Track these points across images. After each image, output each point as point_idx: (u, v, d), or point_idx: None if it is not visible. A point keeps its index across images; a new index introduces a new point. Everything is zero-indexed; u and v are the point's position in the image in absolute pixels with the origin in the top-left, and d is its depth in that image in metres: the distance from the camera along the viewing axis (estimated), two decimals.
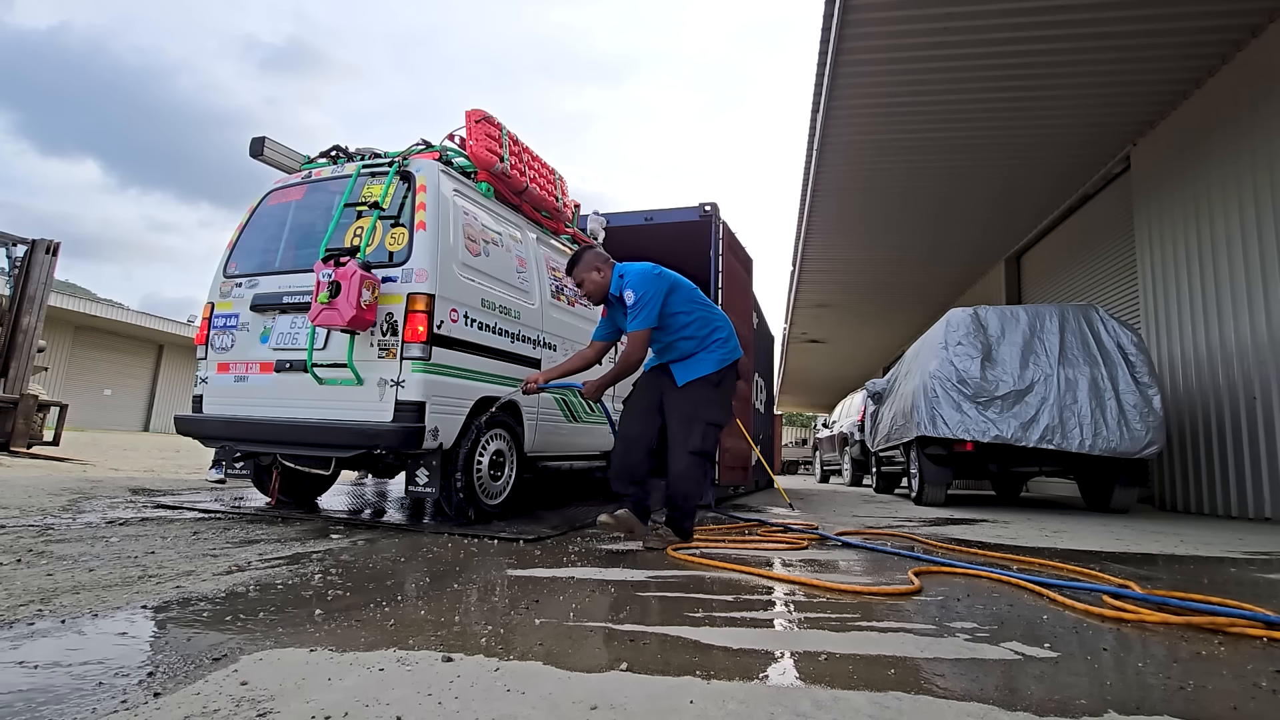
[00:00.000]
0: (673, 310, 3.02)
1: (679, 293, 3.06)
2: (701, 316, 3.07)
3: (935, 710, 1.17)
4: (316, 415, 3.21)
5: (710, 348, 3.06)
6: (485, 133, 3.78)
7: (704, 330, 3.07)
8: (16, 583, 1.89)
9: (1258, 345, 5.50)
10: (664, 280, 3.02)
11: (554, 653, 1.43)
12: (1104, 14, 5.33)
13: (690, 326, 3.05)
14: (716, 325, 3.11)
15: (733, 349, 3.12)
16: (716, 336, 3.08)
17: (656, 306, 2.95)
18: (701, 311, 3.09)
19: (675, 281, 3.08)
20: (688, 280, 3.15)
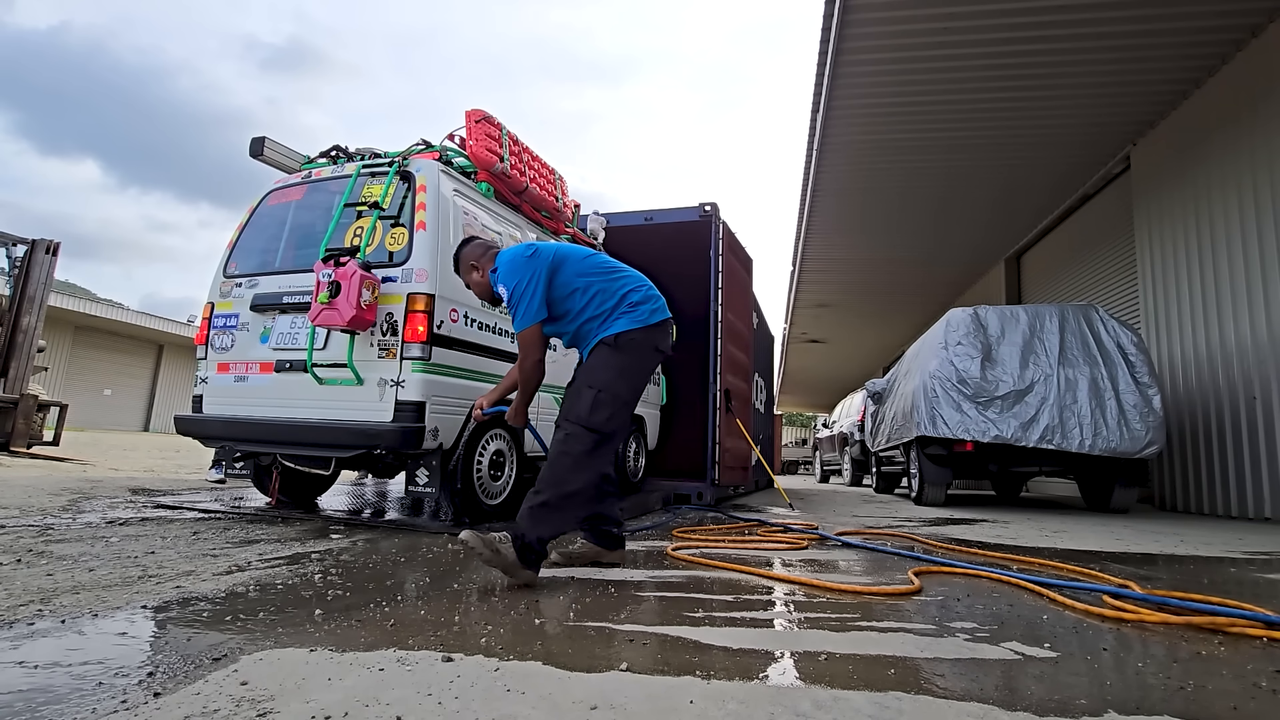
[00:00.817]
0: (565, 290, 2.45)
1: (568, 267, 2.47)
2: (602, 288, 2.48)
3: (935, 710, 1.17)
4: (316, 415, 3.21)
5: (616, 317, 2.44)
6: (485, 133, 3.78)
7: (609, 302, 2.47)
8: (16, 583, 1.89)
9: (1258, 345, 5.50)
10: (540, 260, 2.42)
11: (554, 653, 1.43)
12: (1104, 14, 5.33)
13: (592, 304, 2.46)
14: (624, 291, 2.50)
15: (649, 312, 2.49)
16: (627, 303, 2.48)
17: (538, 294, 2.38)
18: (601, 282, 2.49)
19: (559, 256, 2.48)
20: (579, 248, 2.59)
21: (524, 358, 2.46)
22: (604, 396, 2.32)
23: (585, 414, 2.29)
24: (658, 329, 2.52)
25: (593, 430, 2.28)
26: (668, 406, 6.25)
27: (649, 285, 2.60)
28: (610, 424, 2.32)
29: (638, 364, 2.45)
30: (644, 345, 2.47)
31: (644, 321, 2.47)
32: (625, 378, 2.40)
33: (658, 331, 2.52)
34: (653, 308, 2.53)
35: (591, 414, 2.29)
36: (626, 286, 2.53)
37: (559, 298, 2.47)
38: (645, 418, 5.57)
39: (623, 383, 2.39)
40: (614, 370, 2.39)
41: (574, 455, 2.25)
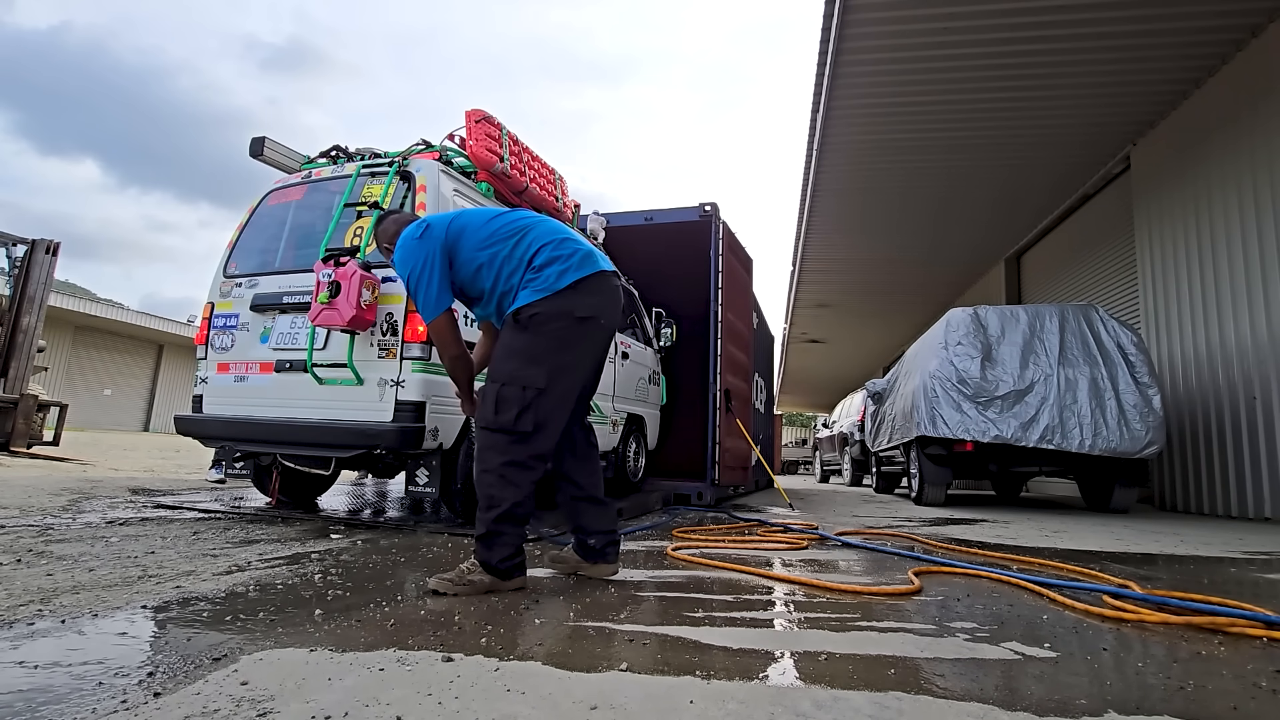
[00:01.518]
0: (470, 269, 2.12)
1: (468, 237, 2.12)
2: (506, 255, 2.10)
3: (935, 710, 1.17)
4: (316, 415, 3.21)
5: (520, 289, 2.08)
6: (485, 133, 3.78)
7: (517, 272, 2.09)
8: (16, 583, 1.89)
9: (1258, 345, 5.50)
10: (433, 238, 2.09)
11: (554, 653, 1.43)
12: (1104, 14, 5.33)
13: (500, 278, 2.10)
14: (529, 254, 2.10)
15: (555, 275, 2.06)
16: (531, 269, 2.09)
17: (434, 280, 2.06)
18: (505, 248, 2.10)
19: (454, 229, 2.13)
20: (482, 211, 2.22)
21: (440, 349, 2.17)
22: (508, 391, 1.98)
23: (490, 415, 2.00)
24: (573, 292, 2.06)
25: (501, 431, 1.98)
26: (668, 406, 6.25)
27: (560, 238, 2.15)
28: (525, 421, 1.97)
29: (552, 341, 2.03)
30: (554, 317, 2.04)
31: (550, 288, 2.05)
32: (537, 361, 2.01)
33: (573, 295, 2.06)
34: (561, 269, 2.08)
35: (497, 414, 1.98)
36: (532, 248, 2.11)
37: (466, 279, 2.13)
38: (645, 418, 5.57)
39: (532, 368, 2.00)
40: (516, 356, 2.03)
41: (494, 469, 1.97)
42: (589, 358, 2.16)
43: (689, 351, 6.63)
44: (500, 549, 1.99)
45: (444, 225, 2.13)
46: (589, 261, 2.14)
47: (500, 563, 2.00)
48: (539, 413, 1.99)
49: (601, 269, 2.16)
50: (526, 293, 2.06)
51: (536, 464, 2.03)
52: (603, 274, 2.16)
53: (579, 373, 2.12)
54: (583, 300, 2.08)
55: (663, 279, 6.45)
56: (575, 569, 2.29)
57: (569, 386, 2.08)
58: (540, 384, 2.00)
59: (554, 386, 2.02)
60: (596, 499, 2.26)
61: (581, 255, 2.14)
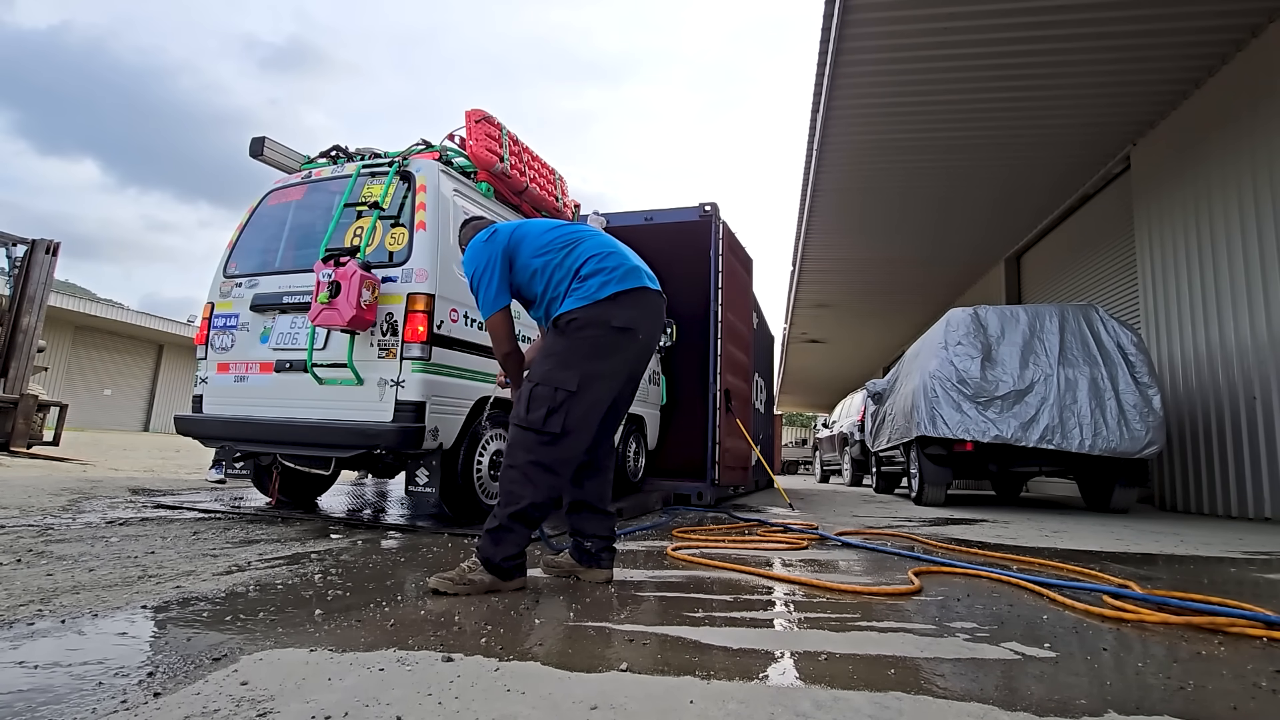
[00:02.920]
0: (526, 275, 2.25)
1: (525, 247, 2.26)
2: (557, 264, 2.22)
3: (935, 710, 1.17)
4: (316, 415, 3.21)
5: (565, 297, 2.19)
6: (485, 133, 3.78)
7: (564, 281, 2.20)
8: (16, 583, 1.89)
9: (1258, 345, 5.50)
10: (496, 243, 2.24)
11: (554, 653, 1.43)
12: (1104, 14, 5.33)
13: (550, 285, 2.22)
14: (576, 265, 2.21)
15: (597, 285, 2.16)
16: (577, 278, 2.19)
17: (494, 280, 2.20)
18: (556, 258, 2.22)
19: (517, 236, 2.27)
20: (543, 222, 2.36)
21: (495, 349, 2.30)
22: (540, 390, 2.04)
23: (522, 412, 2.06)
24: (611, 303, 2.14)
25: (530, 430, 2.03)
26: (668, 406, 6.25)
27: (607, 252, 2.24)
28: (553, 422, 2.01)
29: (586, 347, 2.10)
30: (591, 324, 2.11)
31: (590, 297, 2.13)
32: (569, 365, 2.07)
33: (611, 306, 2.14)
34: (603, 280, 2.16)
35: (529, 411, 2.04)
36: (580, 259, 2.21)
37: (523, 283, 2.27)
38: (645, 418, 5.57)
39: (566, 372, 2.06)
40: (553, 358, 2.11)
41: (519, 466, 2.02)
42: (623, 368, 2.18)
43: (689, 351, 6.62)
44: (506, 546, 2.01)
45: (509, 232, 2.27)
46: (632, 276, 2.21)
47: (503, 560, 2.00)
48: (569, 416, 2.03)
49: (645, 285, 2.23)
50: (570, 300, 2.15)
51: (561, 468, 2.05)
52: (645, 290, 2.23)
53: (611, 380, 2.15)
54: (621, 311, 2.14)
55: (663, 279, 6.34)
56: (570, 572, 2.29)
57: (600, 394, 2.11)
58: (571, 387, 2.04)
59: (585, 391, 2.06)
60: (600, 509, 2.29)
61: (626, 269, 2.22)
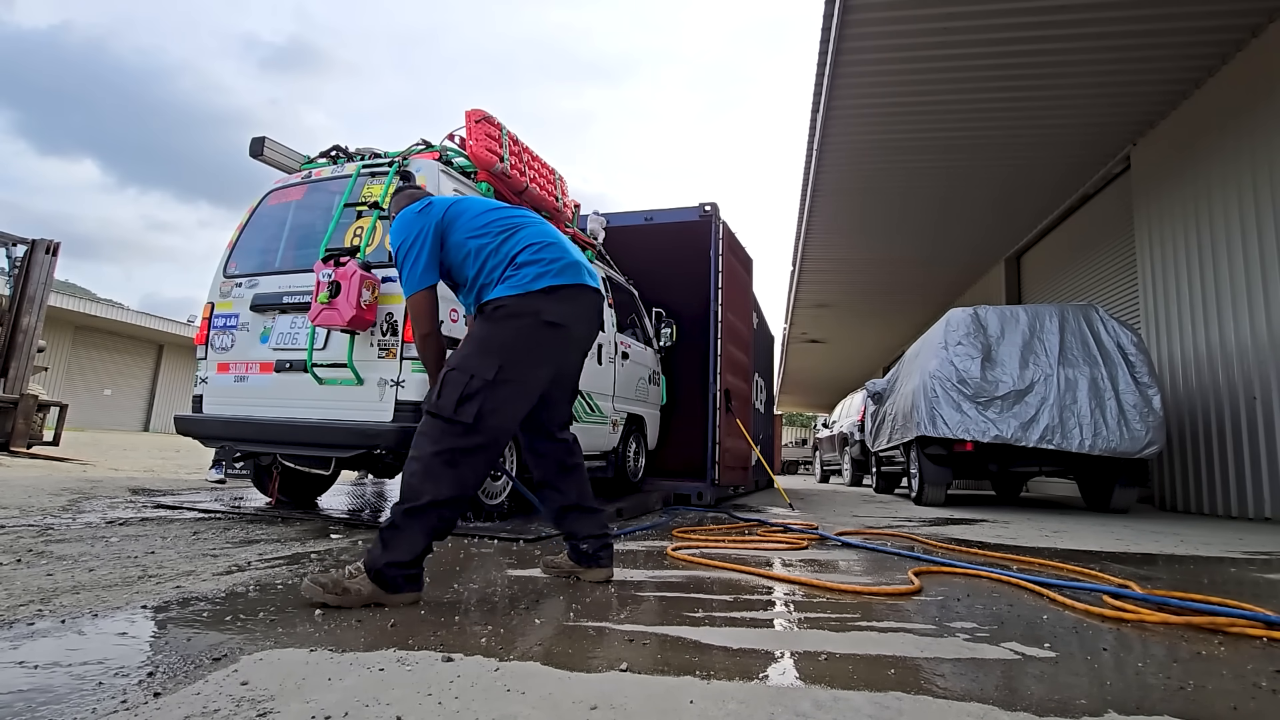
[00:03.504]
0: (459, 255, 2.08)
1: (463, 223, 2.10)
2: (493, 249, 2.06)
3: (935, 710, 1.17)
4: (316, 415, 3.21)
5: (497, 284, 2.04)
6: (485, 133, 3.78)
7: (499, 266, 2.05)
8: (16, 583, 1.89)
9: (1258, 345, 5.50)
10: (430, 216, 2.08)
11: (554, 653, 1.43)
12: (1104, 14, 5.33)
13: (483, 270, 2.06)
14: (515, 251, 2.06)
15: (532, 275, 2.02)
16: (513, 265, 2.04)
17: (422, 255, 2.03)
18: (494, 242, 2.07)
19: (453, 212, 2.11)
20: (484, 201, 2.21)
21: (414, 329, 2.09)
22: (455, 375, 1.88)
23: (433, 396, 1.90)
24: (544, 296, 2.00)
25: (440, 417, 1.86)
26: (668, 406, 6.25)
27: (546, 242, 2.10)
28: (466, 411, 1.84)
29: (511, 336, 1.95)
30: (518, 313, 1.97)
31: (523, 287, 1.99)
32: (490, 353, 1.92)
33: (544, 299, 2.00)
34: (539, 271, 2.02)
35: (440, 396, 1.88)
36: (518, 246, 2.07)
37: (454, 264, 2.10)
38: (645, 418, 5.57)
39: (484, 359, 1.90)
40: (472, 343, 1.96)
41: (422, 458, 1.84)
42: (549, 364, 2.05)
43: (689, 351, 6.63)
44: (395, 550, 1.78)
45: (444, 206, 2.11)
46: (570, 271, 2.07)
47: (388, 566, 1.77)
48: (482, 405, 1.86)
49: (583, 282, 2.09)
50: (502, 287, 2.01)
51: (468, 464, 1.87)
52: (583, 287, 2.10)
53: (534, 373, 2.00)
54: (554, 306, 2.01)
55: (663, 279, 6.46)
56: (570, 573, 2.24)
57: (521, 388, 1.96)
58: (488, 375, 1.88)
59: (503, 383, 1.90)
60: (586, 507, 2.21)
61: (564, 264, 2.08)
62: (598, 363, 4.69)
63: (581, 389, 4.43)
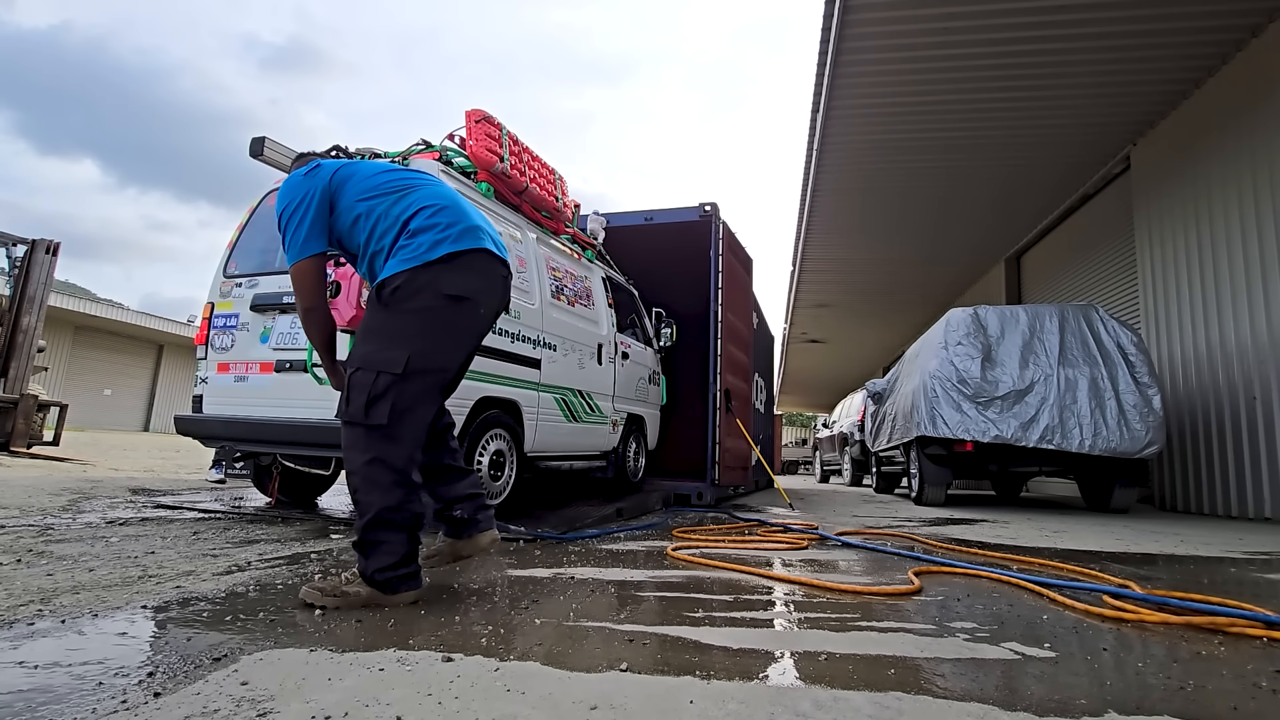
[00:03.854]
0: (348, 220, 1.92)
1: (352, 185, 1.93)
2: (383, 212, 1.89)
3: (935, 710, 1.17)
4: (316, 415, 3.21)
5: (389, 256, 1.87)
6: (485, 133, 3.78)
7: (389, 233, 1.88)
8: (16, 583, 1.89)
9: (1258, 345, 5.50)
10: (317, 179, 1.91)
11: (554, 653, 1.43)
12: (1104, 14, 5.33)
13: (373, 237, 1.90)
14: (406, 215, 1.89)
15: (429, 244, 1.84)
16: (406, 233, 1.87)
17: (306, 220, 1.87)
18: (383, 204, 1.90)
19: (342, 175, 1.95)
20: (375, 163, 2.05)
21: (297, 302, 1.94)
22: (360, 377, 1.76)
23: (343, 406, 1.78)
24: (444, 266, 1.83)
25: (357, 424, 1.76)
26: (668, 406, 6.25)
27: (442, 205, 1.92)
28: (378, 412, 1.73)
29: (415, 322, 1.80)
30: (418, 292, 1.81)
31: (419, 258, 1.82)
32: (394, 344, 1.78)
33: (444, 269, 1.83)
34: (436, 238, 1.84)
35: (349, 403, 1.76)
36: (410, 210, 1.89)
37: (344, 231, 1.94)
38: (645, 418, 5.57)
39: (389, 352, 1.76)
40: (373, 337, 1.82)
41: (357, 470, 1.77)
42: (461, 345, 1.91)
43: (689, 351, 6.63)
44: (378, 558, 1.76)
45: (332, 169, 1.96)
46: (470, 236, 1.89)
47: (377, 574, 1.75)
48: (397, 402, 1.75)
49: (485, 247, 1.92)
50: (394, 261, 1.84)
51: (401, 461, 1.78)
52: (487, 253, 1.93)
53: (445, 359, 1.87)
54: (455, 277, 1.84)
55: (663, 279, 6.46)
56: (453, 554, 2.04)
57: (434, 374, 1.85)
58: (396, 370, 1.75)
59: (414, 373, 1.78)
60: (450, 466, 2.01)
61: (463, 228, 1.89)
62: (598, 363, 4.69)
63: (581, 389, 4.44)
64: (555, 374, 4.12)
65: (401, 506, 1.78)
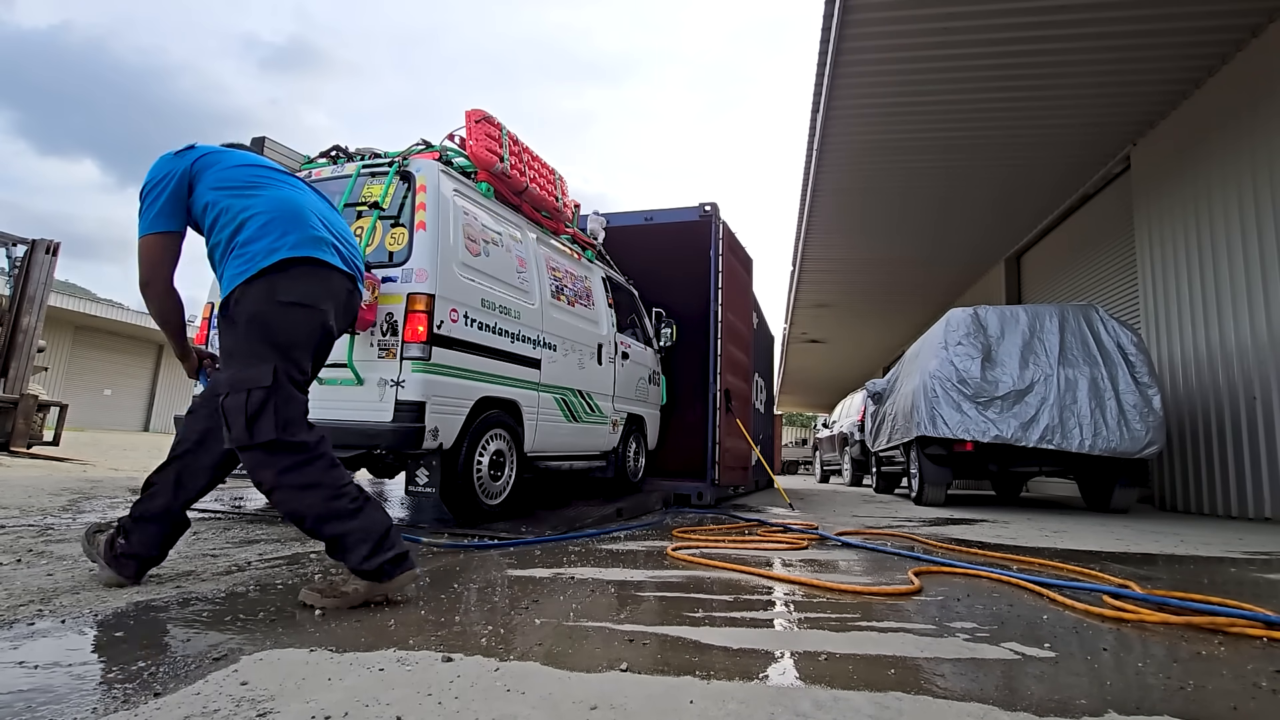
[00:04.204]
0: (200, 201, 1.91)
1: (211, 173, 1.92)
2: (225, 207, 1.88)
3: (935, 710, 1.17)
4: (316, 415, 3.21)
5: (233, 255, 1.85)
6: (485, 133, 3.78)
7: (228, 225, 1.87)
8: (16, 583, 1.89)
9: (1258, 345, 5.50)
10: (183, 160, 1.92)
11: (554, 653, 1.43)
12: (1104, 14, 5.33)
13: (218, 223, 1.89)
14: (245, 216, 1.86)
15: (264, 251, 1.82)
16: (240, 238, 1.85)
17: (161, 198, 1.86)
18: (228, 199, 1.88)
19: (208, 160, 1.94)
20: (246, 155, 2.04)
21: (139, 275, 1.91)
22: (232, 401, 1.75)
23: (228, 435, 1.77)
24: (277, 274, 1.81)
25: (250, 448, 1.76)
26: (668, 406, 6.25)
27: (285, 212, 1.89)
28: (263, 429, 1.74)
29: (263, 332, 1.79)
30: (259, 303, 1.80)
31: (254, 266, 1.80)
32: (255, 358, 1.78)
33: (277, 277, 1.81)
34: (270, 245, 1.82)
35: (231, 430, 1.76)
36: (250, 211, 1.86)
37: (198, 216, 1.93)
38: (645, 418, 5.57)
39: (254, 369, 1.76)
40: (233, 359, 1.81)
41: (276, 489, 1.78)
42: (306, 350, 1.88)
43: (689, 351, 6.63)
44: (354, 550, 1.75)
45: (199, 154, 1.95)
46: (308, 245, 1.87)
47: (362, 564, 1.75)
48: (279, 411, 1.76)
49: (323, 259, 1.89)
50: (231, 269, 1.84)
51: (305, 453, 1.78)
52: (326, 266, 1.90)
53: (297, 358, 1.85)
54: (290, 284, 1.83)
55: (663, 279, 6.46)
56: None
57: (296, 375, 1.84)
58: (266, 382, 1.75)
59: (283, 378, 1.78)
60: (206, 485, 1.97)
61: (300, 238, 1.87)
62: (598, 363, 4.69)
63: (581, 389, 4.44)
64: (555, 374, 4.12)
65: (336, 496, 1.77)
